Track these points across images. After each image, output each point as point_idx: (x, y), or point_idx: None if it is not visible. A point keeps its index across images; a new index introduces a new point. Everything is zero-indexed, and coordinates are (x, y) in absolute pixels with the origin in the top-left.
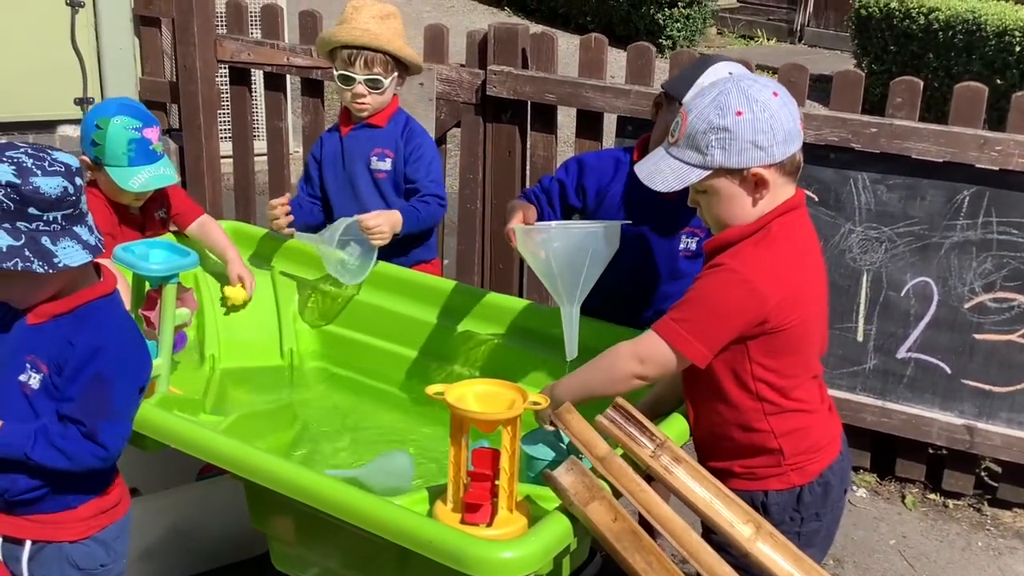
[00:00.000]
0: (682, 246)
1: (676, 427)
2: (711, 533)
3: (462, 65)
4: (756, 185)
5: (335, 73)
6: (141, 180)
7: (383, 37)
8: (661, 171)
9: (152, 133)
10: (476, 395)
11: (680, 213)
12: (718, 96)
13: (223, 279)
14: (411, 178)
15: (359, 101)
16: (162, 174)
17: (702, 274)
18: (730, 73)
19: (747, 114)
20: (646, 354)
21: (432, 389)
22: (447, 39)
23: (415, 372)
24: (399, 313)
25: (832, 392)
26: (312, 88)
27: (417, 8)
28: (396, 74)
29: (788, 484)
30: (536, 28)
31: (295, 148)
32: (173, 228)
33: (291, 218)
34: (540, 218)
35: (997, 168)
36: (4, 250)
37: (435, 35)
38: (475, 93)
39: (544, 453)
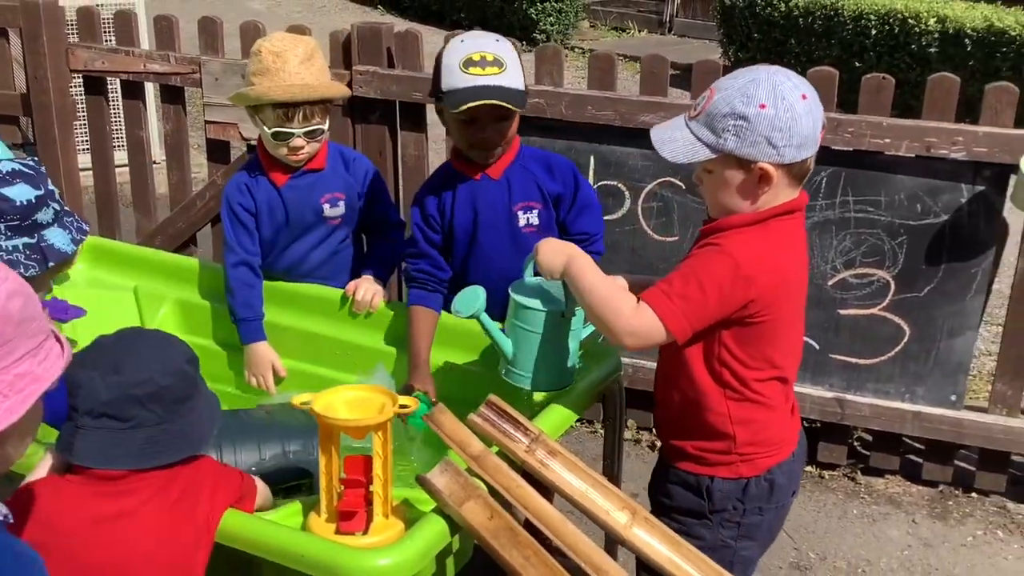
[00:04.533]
0: (522, 223)
1: (550, 421)
2: None
3: None
4: (760, 180)
5: (266, 129)
6: None
7: (321, 86)
8: (674, 140)
9: None
10: (345, 402)
11: (505, 193)
12: (748, 84)
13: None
14: (369, 212)
15: (298, 154)
16: None
17: (694, 252)
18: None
19: (770, 109)
20: (641, 330)
21: (299, 399)
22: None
23: (289, 382)
24: (271, 323)
25: None
26: (172, 95)
27: (287, 9)
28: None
29: (735, 474)
30: (403, 26)
31: (160, 157)
32: None
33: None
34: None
35: (851, 149)
36: None
37: None
38: None
39: (536, 303)
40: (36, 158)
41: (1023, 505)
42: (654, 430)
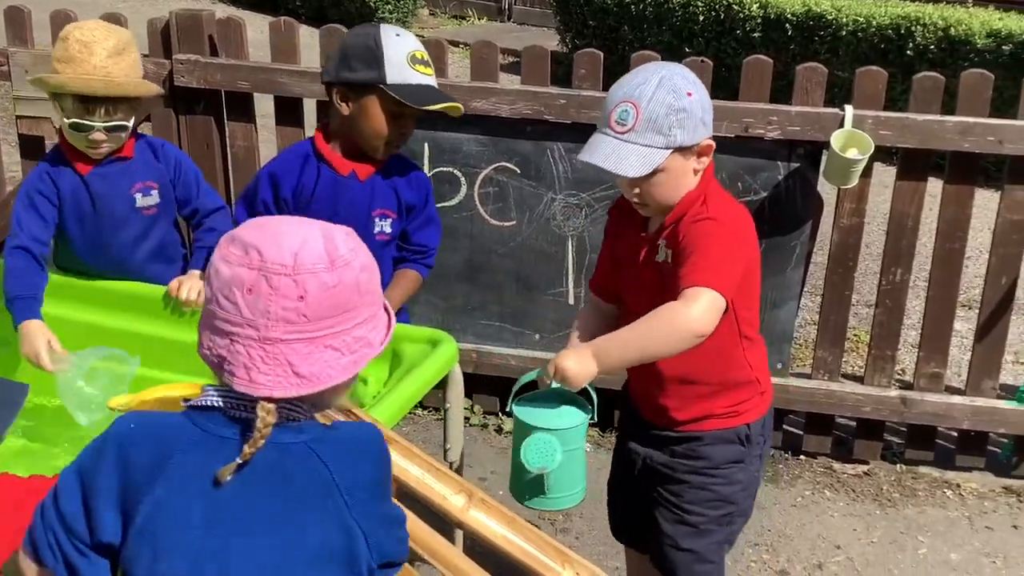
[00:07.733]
0: (376, 229)
1: (384, 410)
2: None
3: (145, 55)
4: (699, 156)
5: (65, 120)
6: None
7: (128, 84)
8: (626, 158)
9: None
10: (162, 403)
11: (368, 196)
12: (663, 81)
13: None
14: (185, 200)
15: (98, 148)
16: None
17: (689, 233)
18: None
19: (695, 93)
20: (707, 311)
21: (115, 402)
22: (126, 27)
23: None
24: (91, 324)
25: (551, 356)
26: None
27: None
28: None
29: (759, 413)
30: (229, 14)
31: None
32: None
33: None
34: None
35: None
36: None
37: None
38: (162, 84)
39: (573, 419)
40: None
41: (848, 465)
42: (647, 415)
